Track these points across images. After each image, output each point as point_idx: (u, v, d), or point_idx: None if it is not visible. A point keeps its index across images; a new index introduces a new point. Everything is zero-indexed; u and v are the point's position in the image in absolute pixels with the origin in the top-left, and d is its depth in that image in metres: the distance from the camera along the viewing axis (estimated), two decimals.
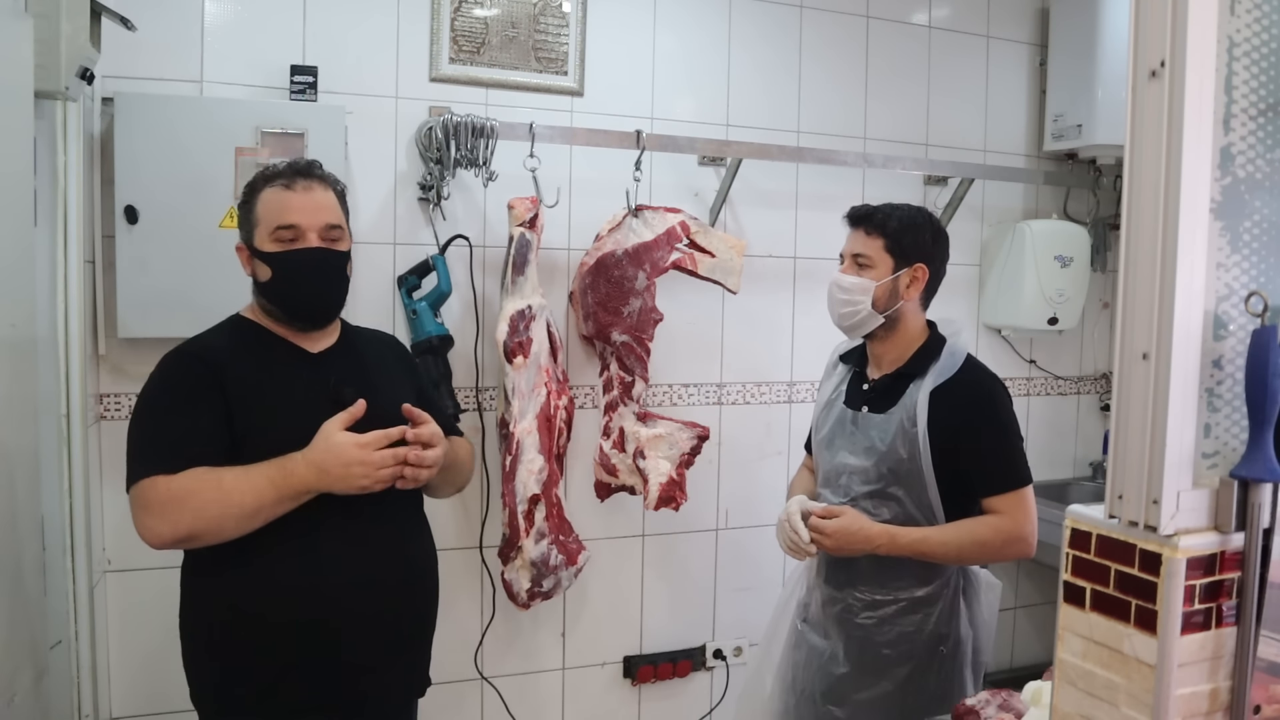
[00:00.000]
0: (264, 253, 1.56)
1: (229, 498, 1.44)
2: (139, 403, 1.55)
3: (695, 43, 2.65)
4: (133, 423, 1.53)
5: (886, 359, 1.94)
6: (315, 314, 1.63)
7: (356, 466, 1.47)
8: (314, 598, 1.51)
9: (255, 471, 1.46)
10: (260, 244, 1.56)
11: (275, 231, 1.55)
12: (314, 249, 1.56)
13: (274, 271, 1.56)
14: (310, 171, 1.60)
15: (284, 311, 1.61)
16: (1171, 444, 0.94)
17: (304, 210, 1.56)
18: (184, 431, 1.48)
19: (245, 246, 1.60)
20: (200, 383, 1.52)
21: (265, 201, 1.57)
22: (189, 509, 1.43)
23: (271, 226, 1.55)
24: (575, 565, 2.39)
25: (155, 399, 1.53)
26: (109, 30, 1.86)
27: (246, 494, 1.44)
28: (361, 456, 1.48)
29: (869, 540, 1.81)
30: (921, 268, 1.88)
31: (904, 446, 1.82)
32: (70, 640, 1.88)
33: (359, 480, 1.48)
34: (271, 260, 1.56)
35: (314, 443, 1.48)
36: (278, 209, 1.56)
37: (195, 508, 1.43)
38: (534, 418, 2.29)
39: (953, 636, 1.86)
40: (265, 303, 1.61)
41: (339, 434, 1.49)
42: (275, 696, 1.52)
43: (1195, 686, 0.95)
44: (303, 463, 1.47)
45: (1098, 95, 2.83)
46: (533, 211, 2.27)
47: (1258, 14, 0.96)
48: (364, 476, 1.48)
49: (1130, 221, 0.98)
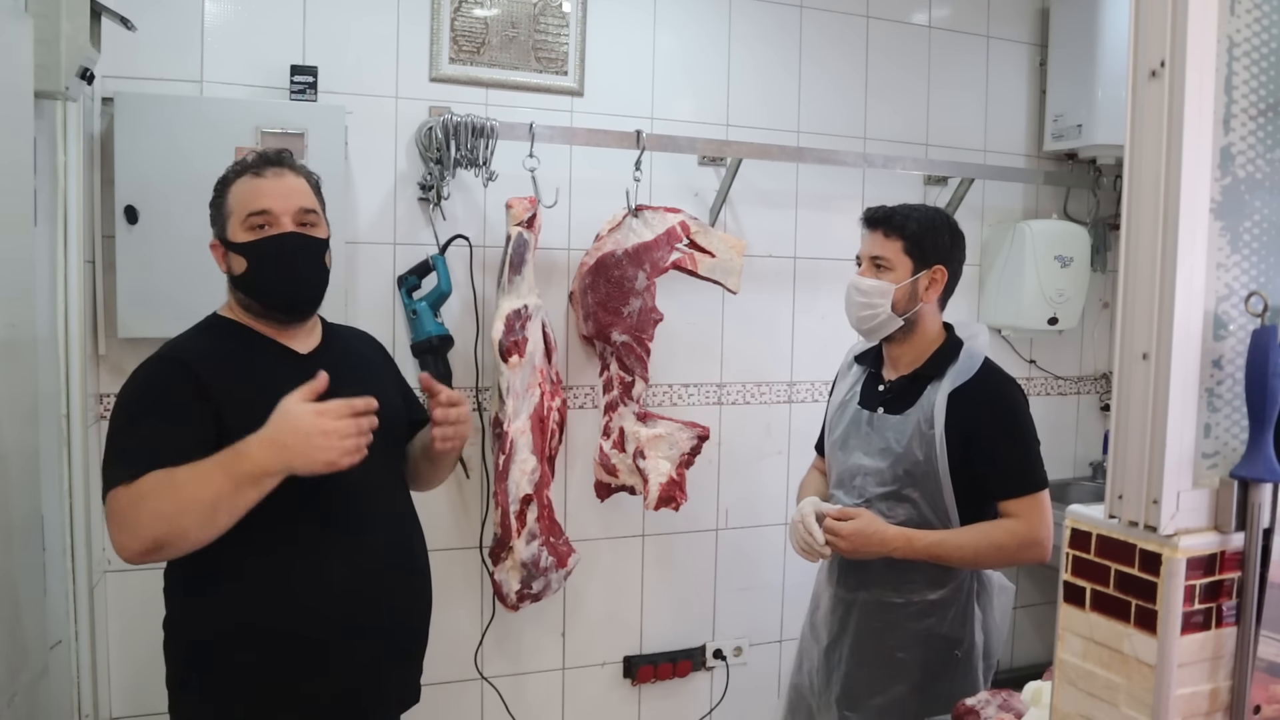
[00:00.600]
0: (237, 243, 1.50)
1: (182, 493, 1.31)
2: (113, 411, 1.47)
3: (695, 43, 2.65)
4: (108, 433, 1.45)
5: (903, 360, 1.93)
6: (295, 303, 1.55)
7: (317, 437, 1.32)
8: (308, 613, 1.47)
9: (207, 461, 1.33)
10: (233, 235, 1.50)
11: (247, 219, 1.49)
12: (289, 234, 1.50)
13: (249, 261, 1.50)
14: (280, 159, 1.54)
15: (262, 303, 1.54)
16: (1171, 444, 0.94)
17: (275, 195, 1.50)
18: (152, 442, 1.38)
19: (219, 242, 1.54)
20: (178, 391, 1.43)
21: (235, 192, 1.52)
22: (145, 514, 1.33)
23: (243, 215, 1.49)
24: (565, 567, 2.39)
25: (126, 408, 1.45)
26: (109, 30, 1.86)
27: (200, 485, 1.31)
28: (320, 425, 1.32)
29: (885, 543, 1.80)
30: (940, 269, 1.87)
31: (920, 448, 1.81)
32: (70, 640, 1.88)
33: (321, 454, 1.32)
34: (245, 250, 1.50)
35: (270, 418, 1.34)
36: (249, 196, 1.50)
37: (151, 510, 1.32)
38: (527, 418, 2.29)
39: (967, 640, 1.86)
40: (243, 297, 1.54)
41: (296, 404, 1.34)
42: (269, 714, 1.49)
43: (1195, 686, 0.95)
44: (255, 441, 1.32)
45: (1098, 95, 2.83)
46: (531, 211, 2.27)
47: (1258, 14, 0.96)
48: (326, 449, 1.32)
49: (1130, 221, 0.98)
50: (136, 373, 1.49)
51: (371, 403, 1.39)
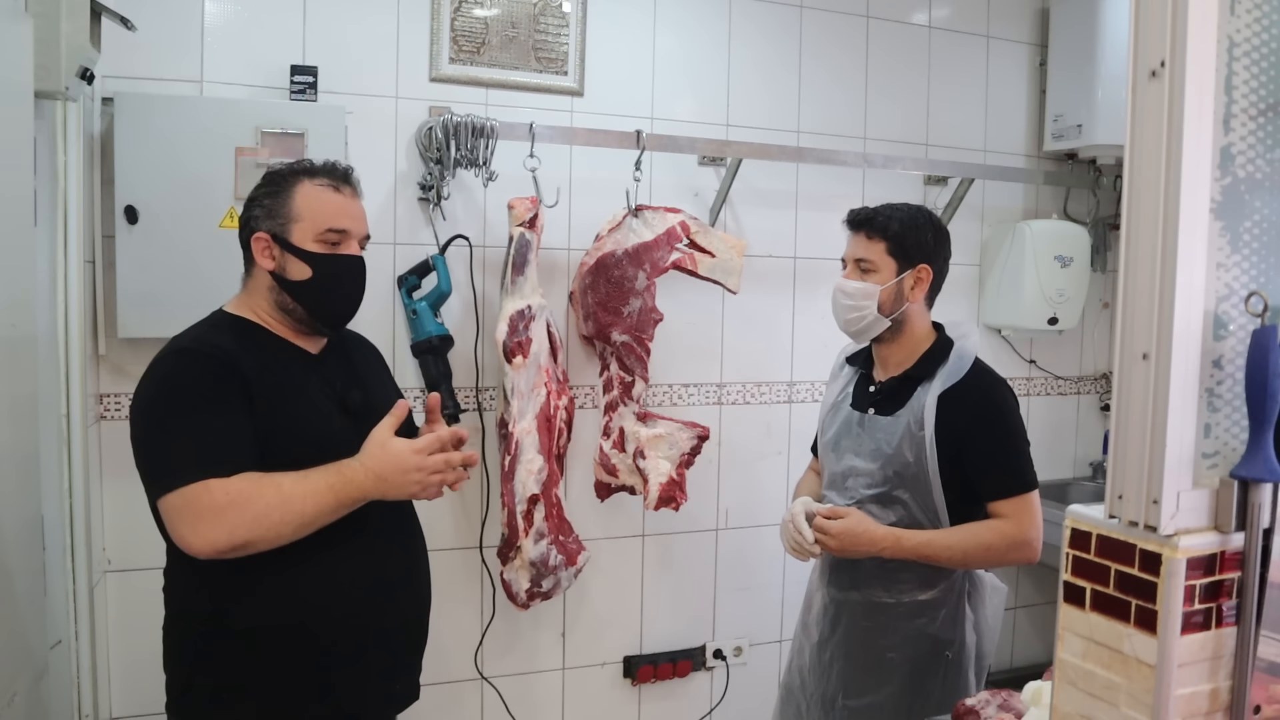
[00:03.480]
0: (306, 251, 1.50)
1: (289, 504, 1.38)
2: (155, 403, 1.43)
3: (695, 42, 2.65)
4: (152, 425, 1.42)
5: (893, 361, 1.93)
6: (342, 319, 1.61)
7: (414, 473, 1.45)
8: (318, 613, 1.48)
9: (315, 477, 1.41)
10: (301, 241, 1.50)
11: (325, 233, 1.51)
12: (358, 257, 1.56)
13: (315, 272, 1.51)
14: (351, 178, 1.58)
15: (312, 313, 1.54)
16: (1171, 444, 0.94)
17: (354, 217, 1.55)
18: (223, 434, 1.40)
19: (272, 239, 1.51)
20: (225, 384, 1.43)
21: (309, 197, 1.51)
22: (249, 515, 1.36)
23: (321, 227, 1.51)
24: (575, 565, 2.39)
25: (179, 399, 1.42)
26: (109, 30, 1.86)
27: (308, 500, 1.39)
28: (418, 463, 1.45)
29: (874, 543, 1.80)
30: (925, 268, 1.87)
31: (910, 450, 1.82)
32: (70, 640, 1.88)
33: (413, 487, 1.46)
34: (314, 261, 1.51)
35: (368, 449, 1.44)
36: (330, 210, 1.51)
37: (256, 514, 1.36)
38: (533, 418, 2.29)
39: (958, 641, 1.86)
40: (289, 301, 1.52)
41: (394, 440, 1.45)
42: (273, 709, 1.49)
43: (1195, 686, 0.95)
44: (362, 470, 1.43)
45: (1098, 95, 2.83)
46: (532, 211, 2.27)
47: (1258, 14, 0.96)
48: (418, 484, 1.46)
49: (1130, 221, 0.98)
50: (167, 369, 1.45)
51: (462, 434, 1.51)
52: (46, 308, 1.79)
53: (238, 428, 1.42)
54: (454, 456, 1.49)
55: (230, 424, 1.41)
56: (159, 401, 1.43)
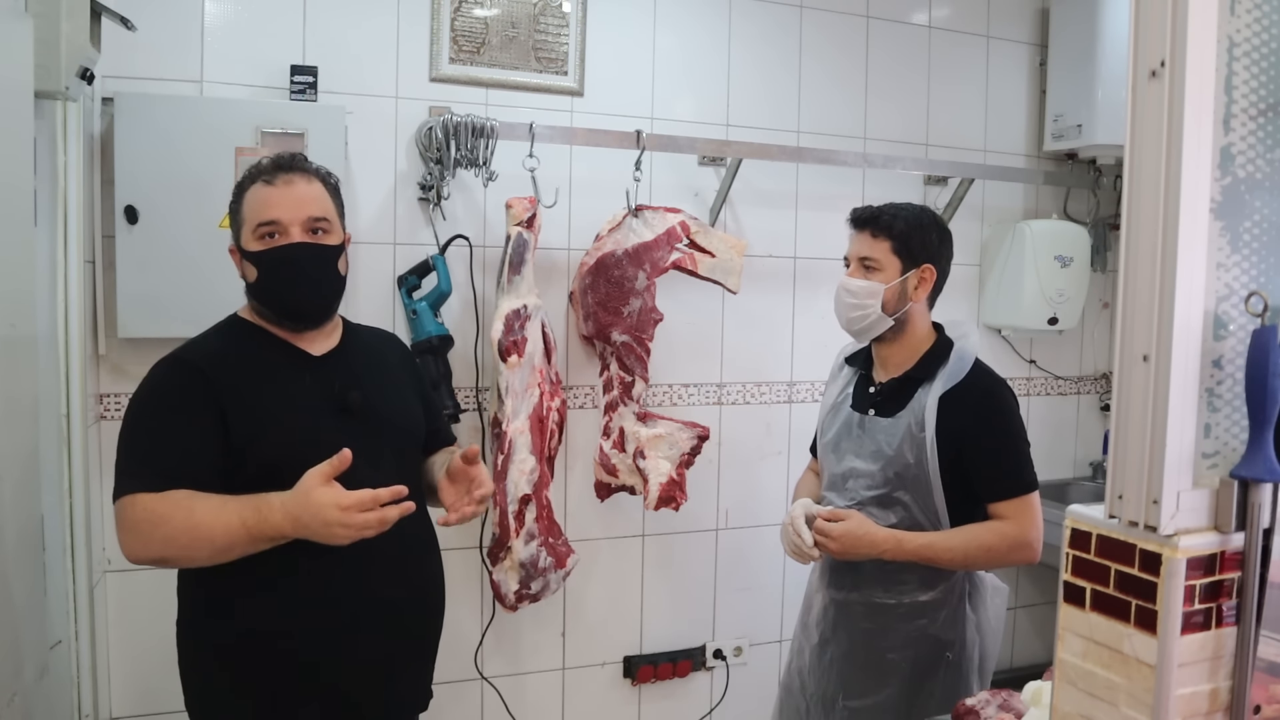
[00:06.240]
0: (249, 252, 1.52)
1: (197, 531, 1.38)
2: (128, 411, 1.50)
3: (695, 43, 2.65)
4: (121, 431, 1.48)
5: (893, 361, 1.93)
6: (305, 312, 1.57)
7: (336, 527, 1.37)
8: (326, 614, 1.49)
9: (230, 507, 1.39)
10: (246, 243, 1.52)
11: (257, 229, 1.50)
12: (297, 244, 1.51)
13: (258, 270, 1.52)
14: (292, 164, 1.54)
15: (275, 311, 1.56)
16: (1171, 444, 0.94)
17: (283, 204, 1.50)
18: (171, 448, 1.43)
19: (236, 248, 1.56)
20: (193, 394, 1.46)
21: (249, 199, 1.53)
22: (159, 535, 1.39)
23: (254, 224, 1.51)
24: (564, 568, 2.38)
25: (144, 410, 1.48)
26: (109, 30, 1.86)
27: (216, 530, 1.38)
28: (341, 519, 1.37)
29: (874, 545, 1.80)
30: (929, 268, 1.87)
31: (911, 451, 1.81)
32: (70, 640, 1.88)
33: (339, 539, 1.39)
34: (256, 259, 1.51)
35: (294, 493, 1.39)
36: (259, 205, 1.51)
37: (165, 535, 1.39)
38: (526, 418, 2.28)
39: (958, 642, 1.86)
40: (256, 304, 1.57)
41: (319, 490, 1.37)
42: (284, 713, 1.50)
43: (1195, 686, 0.95)
44: (281, 511, 1.38)
45: (1098, 95, 2.83)
46: (530, 211, 2.27)
47: (1258, 14, 0.96)
48: (345, 537, 1.39)
49: (1130, 221, 0.98)
50: (149, 376, 1.52)
51: (400, 490, 1.42)
52: (46, 308, 1.79)
53: (190, 442, 1.44)
54: (389, 514, 1.40)
55: (182, 438, 1.44)
56: (129, 410, 1.51)
